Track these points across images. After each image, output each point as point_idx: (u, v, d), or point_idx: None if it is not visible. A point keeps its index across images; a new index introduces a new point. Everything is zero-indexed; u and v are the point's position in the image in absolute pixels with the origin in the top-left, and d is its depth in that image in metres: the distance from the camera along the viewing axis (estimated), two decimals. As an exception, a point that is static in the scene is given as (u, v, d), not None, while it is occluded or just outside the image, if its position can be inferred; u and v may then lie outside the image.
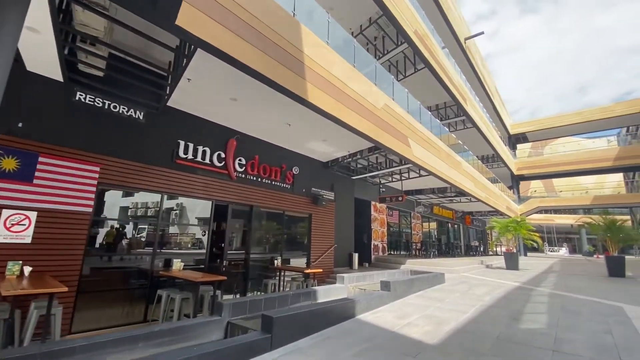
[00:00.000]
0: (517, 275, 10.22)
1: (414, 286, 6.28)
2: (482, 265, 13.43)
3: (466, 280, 8.38)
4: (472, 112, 16.23)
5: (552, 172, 27.40)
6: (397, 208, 14.56)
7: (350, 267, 10.81)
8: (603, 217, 11.06)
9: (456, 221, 21.41)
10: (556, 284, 7.96)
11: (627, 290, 7.22)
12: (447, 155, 11.64)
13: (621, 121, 25.79)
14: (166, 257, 6.49)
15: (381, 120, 7.69)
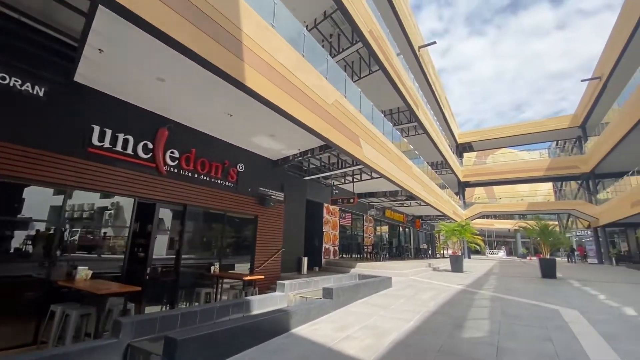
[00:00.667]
0: (462, 277, 10.45)
1: (360, 292, 5.91)
2: (430, 268, 13.70)
3: (413, 284, 8.26)
4: (424, 119, 16.70)
5: (493, 180, 29.54)
6: (350, 211, 14.36)
7: (299, 271, 10.26)
8: (537, 222, 11.83)
9: (407, 224, 21.95)
10: (497, 287, 8.15)
11: (559, 291, 7.57)
12: (399, 158, 11.66)
13: (551, 135, 28.65)
14: (74, 264, 5.38)
15: (332, 117, 7.29)
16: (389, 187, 13.24)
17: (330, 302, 4.90)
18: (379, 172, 9.88)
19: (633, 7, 15.56)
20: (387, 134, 11.27)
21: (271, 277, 8.84)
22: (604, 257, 24.08)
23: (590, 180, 25.56)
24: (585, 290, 7.90)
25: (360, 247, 15.27)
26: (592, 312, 4.95)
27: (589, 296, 6.86)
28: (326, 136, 7.01)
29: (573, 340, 3.52)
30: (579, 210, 24.90)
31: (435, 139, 19.26)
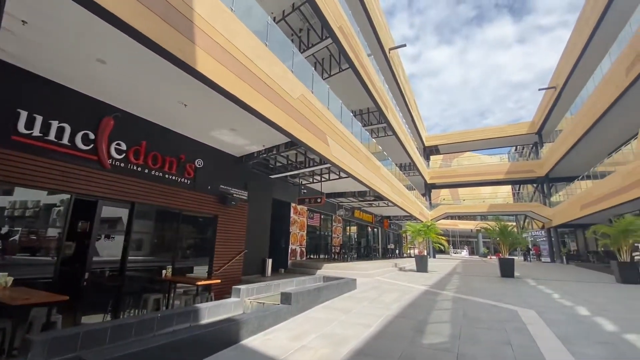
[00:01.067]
0: (426, 277, 10.53)
1: (322, 296, 5.63)
2: (396, 268, 13.78)
3: (378, 285, 8.14)
4: (393, 121, 16.85)
5: (458, 182, 30.68)
6: (318, 211, 14.11)
7: (263, 274, 9.82)
8: (497, 223, 12.26)
9: (375, 225, 22.12)
10: (459, 287, 8.23)
11: (517, 291, 7.77)
12: (367, 158, 11.58)
13: (511, 141, 30.23)
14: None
15: (297, 112, 6.97)
16: (358, 188, 13.16)
17: (288, 308, 4.57)
18: (347, 171, 9.70)
19: (585, 23, 16.70)
20: (356, 134, 11.16)
21: (231, 281, 8.36)
22: (555, 256, 25.76)
23: (545, 184, 27.28)
24: (540, 289, 8.19)
25: (329, 248, 15.08)
26: (548, 313, 5.02)
27: (544, 295, 7.07)
28: (291, 132, 6.68)
29: (531, 343, 3.46)
30: (534, 212, 26.47)
31: (403, 140, 19.56)
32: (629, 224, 10.11)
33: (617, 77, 12.62)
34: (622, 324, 4.35)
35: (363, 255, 18.26)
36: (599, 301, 6.26)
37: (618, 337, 3.75)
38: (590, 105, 15.98)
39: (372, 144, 14.53)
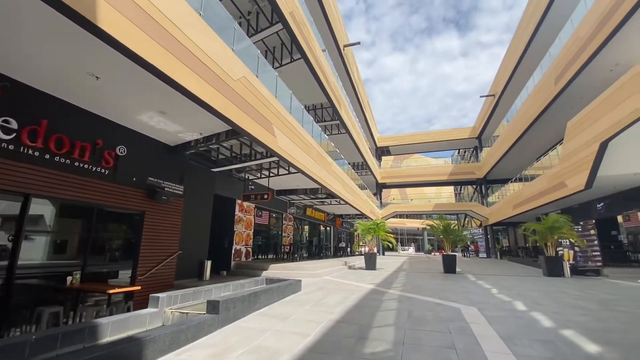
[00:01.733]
0: (374, 275, 10.43)
1: (259, 301, 5.03)
2: (346, 266, 13.61)
3: (325, 286, 7.74)
4: (346, 118, 16.73)
5: (407, 182, 31.91)
6: (267, 208, 13.40)
7: (201, 278, 8.89)
8: (441, 221, 12.67)
9: (328, 223, 21.95)
10: (405, 284, 8.16)
11: (459, 287, 7.89)
12: (318, 154, 11.18)
13: (455, 144, 32.21)
14: None
15: (239, 97, 6.27)
16: (309, 185, 12.71)
17: (214, 319, 3.90)
18: (296, 166, 9.17)
19: (519, 41, 18.16)
20: (308, 129, 10.70)
21: (161, 287, 7.37)
22: (491, 252, 27.94)
23: (483, 185, 29.47)
24: (480, 284, 8.45)
25: (278, 247, 14.44)
26: (489, 309, 4.99)
27: (484, 291, 7.23)
28: (231, 118, 5.96)
29: (475, 346, 3.24)
30: (473, 211, 28.46)
31: (356, 139, 19.61)
32: (554, 222, 11.01)
33: (547, 86, 13.80)
34: (555, 319, 4.41)
35: (315, 254, 17.92)
36: (533, 295, 6.51)
37: (555, 334, 3.71)
38: (523, 113, 17.42)
39: (326, 143, 14.22)
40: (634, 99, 8.54)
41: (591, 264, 11.28)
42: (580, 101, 13.70)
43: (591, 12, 10.97)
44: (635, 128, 8.98)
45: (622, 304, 5.58)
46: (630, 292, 7.24)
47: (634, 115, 8.55)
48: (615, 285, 8.42)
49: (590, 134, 10.44)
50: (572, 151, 11.77)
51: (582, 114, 10.98)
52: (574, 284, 8.59)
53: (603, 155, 9.99)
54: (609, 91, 9.57)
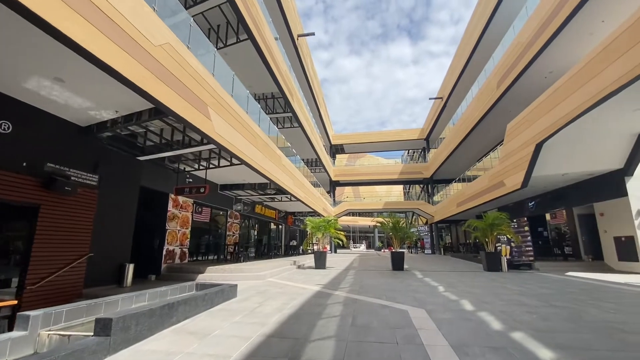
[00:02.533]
0: (323, 275, 9.90)
1: (177, 313, 4.11)
2: (295, 266, 12.94)
3: (267, 289, 6.97)
4: (299, 112, 16.04)
5: (360, 180, 32.25)
6: (209, 205, 12.19)
7: (120, 284, 7.57)
8: (391, 218, 12.60)
9: (279, 221, 21.11)
10: (352, 284, 7.71)
11: (407, 285, 7.64)
12: (266, 145, 10.33)
13: (405, 145, 33.30)
14: None
15: (162, 67, 5.22)
16: (257, 179, 11.79)
17: (102, 343, 2.94)
18: (239, 157, 8.24)
19: (466, 45, 19.03)
20: (257, 119, 9.81)
21: (65, 297, 6.03)
22: (435, 248, 29.32)
23: (429, 185, 30.84)
24: (427, 282, 8.33)
25: (222, 248, 13.28)
26: (437, 311, 4.65)
27: (431, 289, 7.04)
28: (151, 93, 4.91)
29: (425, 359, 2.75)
30: (420, 209, 29.63)
31: (310, 134, 19.03)
32: (494, 219, 11.48)
33: (489, 90, 14.48)
34: (503, 319, 4.18)
35: (264, 254, 16.97)
36: (477, 292, 6.43)
37: (506, 338, 3.41)
38: (467, 115, 18.28)
39: (277, 137, 13.40)
40: (566, 104, 9.06)
41: (525, 259, 12.00)
42: (518, 106, 14.60)
43: (531, 18, 11.60)
44: (566, 131, 9.58)
45: (558, 299, 5.65)
46: (560, 285, 7.58)
47: (566, 119, 9.07)
48: (546, 279, 8.87)
49: (527, 136, 11.02)
50: (510, 152, 12.41)
51: (521, 116, 11.58)
52: (512, 279, 8.89)
53: (538, 155, 10.58)
54: (544, 96, 10.14)
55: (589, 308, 4.85)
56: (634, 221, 10.13)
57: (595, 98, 7.88)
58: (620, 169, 10.51)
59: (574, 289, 6.82)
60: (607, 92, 7.46)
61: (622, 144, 10.09)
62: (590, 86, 8.13)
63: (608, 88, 7.48)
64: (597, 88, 7.75)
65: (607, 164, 10.67)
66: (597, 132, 9.72)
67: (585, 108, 8.28)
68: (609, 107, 8.15)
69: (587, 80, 8.19)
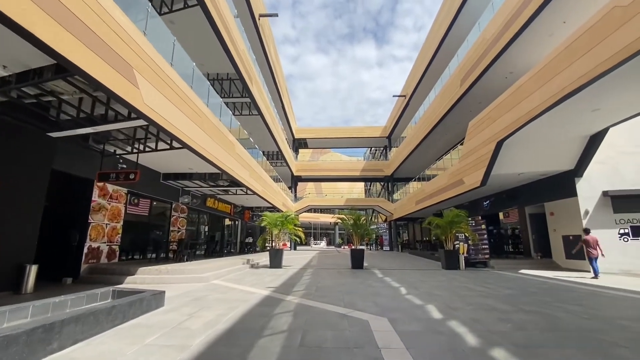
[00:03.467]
0: (277, 275, 8.98)
1: (58, 338, 2.97)
2: (247, 265, 11.85)
3: (205, 295, 5.90)
4: (259, 98, 14.86)
5: (322, 176, 31.68)
6: (148, 195, 10.65)
7: (18, 290, 6.02)
8: (353, 213, 12.02)
9: (235, 216, 19.70)
10: (308, 287, 6.90)
11: (367, 286, 7.00)
12: (215, 128, 9.12)
13: (368, 142, 33.30)
14: None
15: (64, 9, 3.93)
16: (205, 168, 10.48)
17: None
18: (179, 138, 7.00)
19: (427, 50, 19.09)
20: (212, 103, 8.56)
21: None
22: (394, 245, 29.68)
23: (390, 183, 31.15)
24: (387, 282, 7.79)
25: (164, 245, 11.77)
26: (402, 321, 3.99)
27: (393, 291, 6.47)
28: (46, 41, 3.62)
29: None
30: (380, 206, 29.79)
31: (270, 124, 17.89)
32: (454, 216, 11.36)
33: (453, 87, 14.46)
34: (476, 330, 3.62)
35: (215, 252, 15.56)
36: (442, 295, 5.94)
37: (486, 357, 2.78)
38: (429, 114, 18.35)
39: (236, 130, 12.19)
40: (528, 102, 9.02)
41: (481, 257, 12.07)
42: (478, 106, 14.79)
43: (497, 15, 11.60)
44: (525, 130, 9.59)
45: (524, 302, 5.33)
46: (520, 284, 7.43)
47: (527, 117, 9.02)
48: (504, 277, 8.79)
49: (489, 134, 10.99)
50: (471, 150, 12.40)
51: (483, 114, 11.56)
52: (472, 278, 8.68)
53: (498, 153, 10.57)
54: (507, 93, 10.10)
55: (559, 312, 4.49)
56: (582, 221, 10.52)
57: (557, 96, 7.82)
58: (571, 170, 10.88)
59: (534, 289, 6.63)
60: (569, 91, 7.40)
61: (574, 145, 10.40)
62: (552, 84, 8.08)
63: (569, 87, 7.41)
64: (559, 86, 7.68)
65: (559, 165, 10.99)
66: (553, 133, 9.88)
67: (547, 106, 8.22)
68: (569, 107, 8.18)
69: (549, 79, 8.14)
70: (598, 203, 10.54)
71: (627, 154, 10.93)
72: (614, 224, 10.34)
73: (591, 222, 10.45)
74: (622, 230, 10.24)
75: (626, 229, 10.23)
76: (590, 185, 10.69)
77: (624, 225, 10.28)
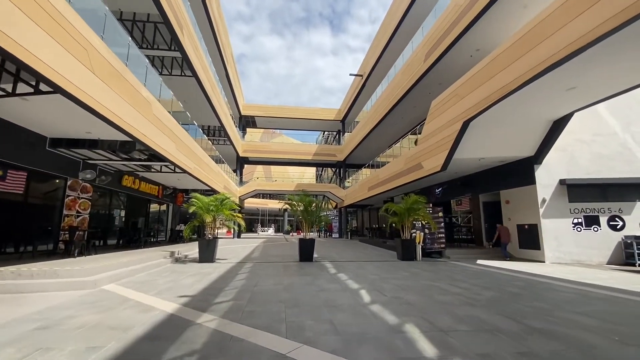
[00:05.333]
0: (203, 275, 6.96)
1: None
2: (171, 258, 9.56)
3: (67, 317, 3.74)
4: (193, 54, 12.17)
5: (271, 159, 29.46)
6: (25, 166, 7.72)
7: None
8: (303, 198, 10.35)
9: (164, 200, 16.77)
10: (238, 295, 5.05)
11: (319, 289, 5.39)
12: (117, 74, 6.58)
13: (322, 125, 31.72)
14: None
15: None
16: (109, 134, 7.83)
17: None
18: (45, 76, 4.52)
19: (389, 23, 17.81)
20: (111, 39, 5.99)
21: None
22: (343, 232, 28.95)
23: (342, 168, 30.12)
24: (343, 281, 6.31)
25: (51, 234, 8.88)
26: None
27: (353, 296, 4.97)
28: None
29: None
30: (332, 193, 28.68)
31: (209, 90, 15.16)
32: (413, 203, 10.32)
33: (417, 62, 13.33)
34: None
35: (134, 242, 12.76)
36: (417, 303, 4.58)
37: None
38: (388, 93, 17.24)
39: (168, 102, 9.58)
40: (501, 77, 8.05)
41: (437, 246, 11.32)
42: (438, 87, 13.94)
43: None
44: (492, 111, 8.74)
45: (515, 309, 4.20)
46: (492, 280, 6.49)
47: (499, 94, 8.08)
48: (469, 271, 7.89)
49: (454, 113, 10.01)
50: (433, 131, 11.43)
51: (448, 92, 10.55)
52: (435, 271, 7.63)
53: (463, 134, 9.65)
54: (478, 67, 9.08)
55: (579, 332, 3.33)
56: (539, 209, 10.18)
57: (537, 68, 6.85)
58: (531, 156, 10.44)
59: (514, 288, 5.65)
60: (554, 61, 6.43)
61: (537, 130, 9.88)
62: (529, 58, 7.13)
63: (555, 56, 6.45)
64: (544, 55, 6.70)
65: (520, 151, 10.49)
66: (519, 114, 9.18)
67: (524, 80, 7.26)
68: (545, 84, 7.35)
69: (531, 47, 7.14)
70: (554, 191, 10.27)
71: (584, 142, 10.81)
72: (569, 213, 10.16)
73: (547, 211, 10.16)
74: (576, 220, 10.11)
75: (579, 218, 10.12)
76: (548, 173, 10.37)
77: (577, 215, 10.15)
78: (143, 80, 7.90)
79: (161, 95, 9.77)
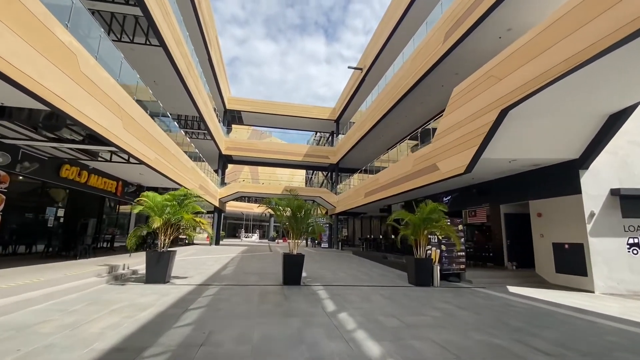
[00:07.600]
0: (135, 307, 4.49)
1: None
2: (107, 276, 7.00)
3: None
4: (160, 19, 9.78)
5: (257, 158, 27.02)
6: None
7: None
8: (291, 201, 8.01)
9: (126, 198, 14.11)
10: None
11: (309, 355, 3.05)
12: (36, 23, 4.17)
13: (314, 124, 29.50)
14: None
15: None
16: (22, 100, 5.36)
17: None
18: None
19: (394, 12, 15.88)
20: None
21: None
22: (333, 242, 26.56)
23: (334, 172, 27.89)
24: (349, 333, 3.95)
25: None
26: None
27: None
28: None
29: None
30: (323, 198, 26.34)
31: (184, 71, 12.72)
32: (431, 212, 8.12)
33: (433, 45, 11.32)
34: None
35: (70, 249, 10.05)
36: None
37: None
38: (392, 86, 15.21)
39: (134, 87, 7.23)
40: (557, 50, 6.00)
41: (455, 267, 9.13)
42: (454, 77, 11.97)
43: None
44: (534, 100, 6.73)
45: None
46: (567, 330, 4.26)
47: (551, 74, 6.02)
48: (515, 307, 5.66)
49: (487, 100, 7.92)
50: (453, 124, 9.33)
51: (479, 73, 8.47)
52: (471, 307, 5.37)
53: (498, 127, 7.56)
54: (525, 39, 7.00)
55: None
56: (586, 226, 8.11)
57: (613, 37, 4.83)
58: (575, 159, 8.44)
59: (608, 344, 3.43)
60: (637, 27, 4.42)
61: (588, 125, 7.87)
62: (607, 18, 5.09)
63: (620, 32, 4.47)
64: (623, 20, 4.67)
65: (562, 152, 8.48)
66: (568, 105, 7.18)
67: (587, 58, 5.28)
68: (608, 64, 5.37)
69: (603, 10, 5.11)
70: (605, 204, 8.26)
71: (638, 144, 8.88)
72: (623, 231, 8.15)
73: (596, 228, 8.12)
74: (632, 240, 8.10)
75: (636, 237, 8.11)
76: (596, 181, 8.37)
77: (633, 233, 8.14)
78: (64, 21, 5.47)
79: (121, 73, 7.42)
